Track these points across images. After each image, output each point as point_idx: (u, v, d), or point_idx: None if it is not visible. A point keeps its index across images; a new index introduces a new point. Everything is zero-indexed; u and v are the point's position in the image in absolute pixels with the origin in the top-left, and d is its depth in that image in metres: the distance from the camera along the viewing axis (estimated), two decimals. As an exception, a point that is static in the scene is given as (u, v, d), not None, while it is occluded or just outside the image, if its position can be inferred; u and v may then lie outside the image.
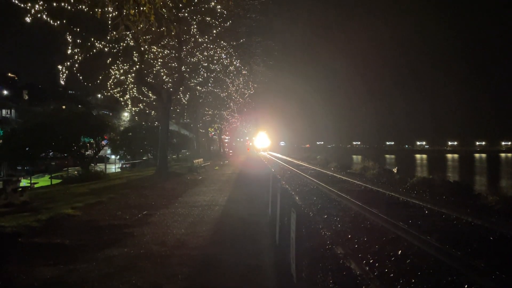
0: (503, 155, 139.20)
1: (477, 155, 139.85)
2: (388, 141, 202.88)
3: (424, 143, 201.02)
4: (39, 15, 11.63)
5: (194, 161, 29.07)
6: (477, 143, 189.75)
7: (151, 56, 22.75)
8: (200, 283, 5.87)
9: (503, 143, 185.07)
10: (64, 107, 36.47)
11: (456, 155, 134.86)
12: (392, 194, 14.44)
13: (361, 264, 6.38)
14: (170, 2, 15.27)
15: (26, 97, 62.45)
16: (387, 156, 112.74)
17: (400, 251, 7.10)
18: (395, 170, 28.21)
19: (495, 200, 12.46)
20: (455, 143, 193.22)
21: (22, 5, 11.32)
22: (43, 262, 6.61)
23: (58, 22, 12.55)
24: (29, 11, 11.33)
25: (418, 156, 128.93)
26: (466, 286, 5.55)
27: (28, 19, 11.34)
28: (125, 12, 9.99)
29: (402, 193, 14.59)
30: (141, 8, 8.94)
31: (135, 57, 21.98)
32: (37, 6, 11.49)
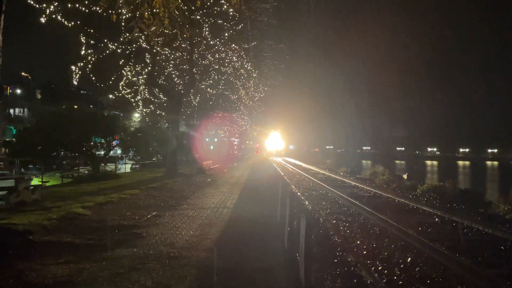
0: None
1: (489, 162, 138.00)
2: (399, 147, 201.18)
3: (435, 149, 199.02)
4: (53, 16, 11.79)
5: (203, 163, 29.15)
6: (489, 150, 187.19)
7: (163, 58, 22.92)
8: (207, 285, 5.89)
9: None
10: (76, 107, 36.84)
11: (467, 162, 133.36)
12: (401, 200, 14.33)
13: (370, 271, 6.34)
14: (183, 5, 15.38)
15: (39, 96, 63.17)
16: (397, 161, 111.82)
17: (409, 259, 7.04)
18: (405, 176, 27.96)
19: (507, 209, 12.30)
20: (467, 149, 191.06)
21: (37, 6, 11.49)
22: (54, 260, 6.68)
23: (72, 23, 12.73)
24: (44, 12, 11.50)
25: (429, 162, 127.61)
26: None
27: (42, 20, 11.51)
28: (139, 14, 10.08)
29: (411, 199, 14.48)
30: (155, 11, 9.01)
31: (147, 58, 22.17)
32: (52, 6, 11.66)
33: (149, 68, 21.87)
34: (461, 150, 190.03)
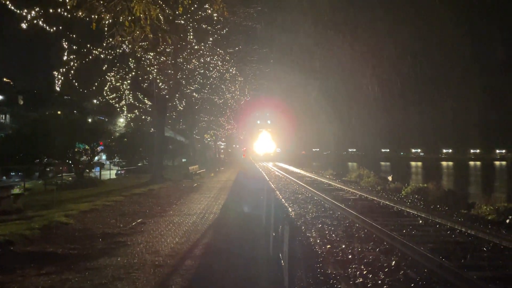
0: (497, 163, 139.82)
1: (471, 163, 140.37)
2: (384, 148, 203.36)
3: (419, 150, 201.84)
4: (35, 21, 11.63)
5: (190, 168, 29.02)
6: (472, 150, 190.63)
7: (146, 63, 22.78)
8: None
9: (497, 151, 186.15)
10: (59, 112, 36.39)
11: (450, 163, 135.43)
12: (386, 203, 14.48)
13: (354, 276, 6.40)
14: (167, 9, 15.30)
15: (22, 102, 62.14)
16: (382, 163, 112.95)
17: (393, 262, 7.11)
18: (390, 178, 28.21)
19: (489, 210, 12.52)
20: (450, 150, 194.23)
21: (18, 11, 11.33)
22: (36, 271, 6.57)
23: (54, 28, 12.57)
24: (25, 17, 11.34)
25: (413, 163, 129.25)
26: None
27: (24, 25, 11.34)
28: (122, 19, 10.01)
29: (396, 202, 14.64)
30: (139, 15, 8.95)
31: (131, 63, 22.01)
32: (33, 12, 11.51)
33: (133, 73, 21.72)
34: (444, 151, 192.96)
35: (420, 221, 11.22)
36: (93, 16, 11.30)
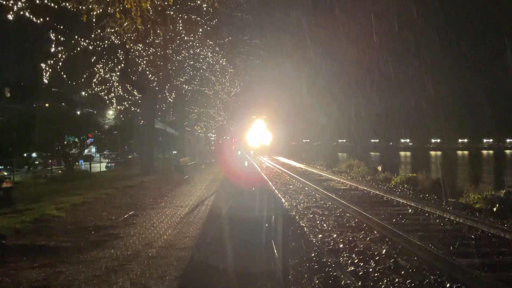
0: (484, 152, 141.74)
1: (459, 152, 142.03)
2: (373, 139, 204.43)
3: (408, 140, 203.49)
4: (21, 12, 11.43)
5: (180, 160, 28.99)
6: (460, 140, 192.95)
7: (136, 55, 22.59)
8: (187, 284, 5.91)
9: (484, 140, 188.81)
10: (47, 105, 35.92)
11: (439, 153, 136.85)
12: (376, 192, 14.64)
13: (346, 263, 6.50)
14: (156, 0, 15.15)
15: (8, 95, 61.20)
16: (372, 153, 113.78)
17: (384, 250, 7.23)
18: (379, 168, 28.45)
19: (477, 198, 12.73)
20: (438, 140, 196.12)
21: (4, 2, 11.13)
22: (29, 265, 6.56)
23: (42, 19, 12.37)
24: (11, 8, 11.14)
25: (402, 153, 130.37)
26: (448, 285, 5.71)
27: (10, 16, 11.15)
28: (111, 10, 9.88)
29: (386, 191, 14.80)
30: (126, 7, 8.84)
31: (120, 55, 21.80)
32: (19, 3, 11.31)
33: (122, 65, 21.53)
34: (432, 141, 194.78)
35: (410, 210, 11.38)
36: (80, 7, 11.14)
